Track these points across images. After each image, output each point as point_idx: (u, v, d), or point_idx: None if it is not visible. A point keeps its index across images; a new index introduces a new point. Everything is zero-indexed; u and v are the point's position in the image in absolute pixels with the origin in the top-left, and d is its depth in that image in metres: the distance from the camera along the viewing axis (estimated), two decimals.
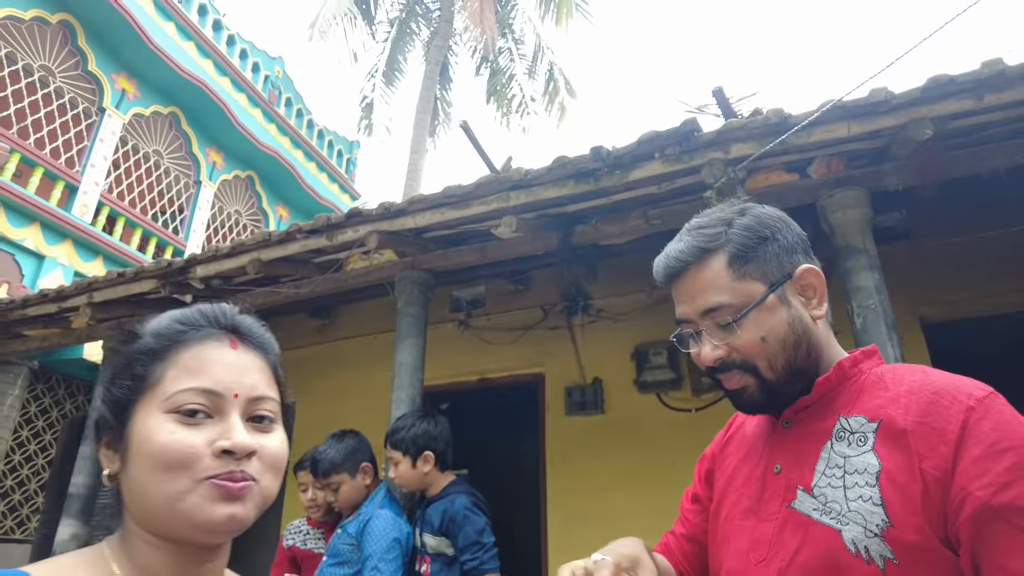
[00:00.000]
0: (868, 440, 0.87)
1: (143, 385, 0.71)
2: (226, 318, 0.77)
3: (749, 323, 0.93)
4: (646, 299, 4.50)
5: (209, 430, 0.69)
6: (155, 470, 0.67)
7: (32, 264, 7.78)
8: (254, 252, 3.43)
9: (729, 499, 1.03)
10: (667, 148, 2.50)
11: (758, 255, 0.96)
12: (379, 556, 2.26)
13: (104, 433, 0.73)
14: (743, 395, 0.97)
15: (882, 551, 0.80)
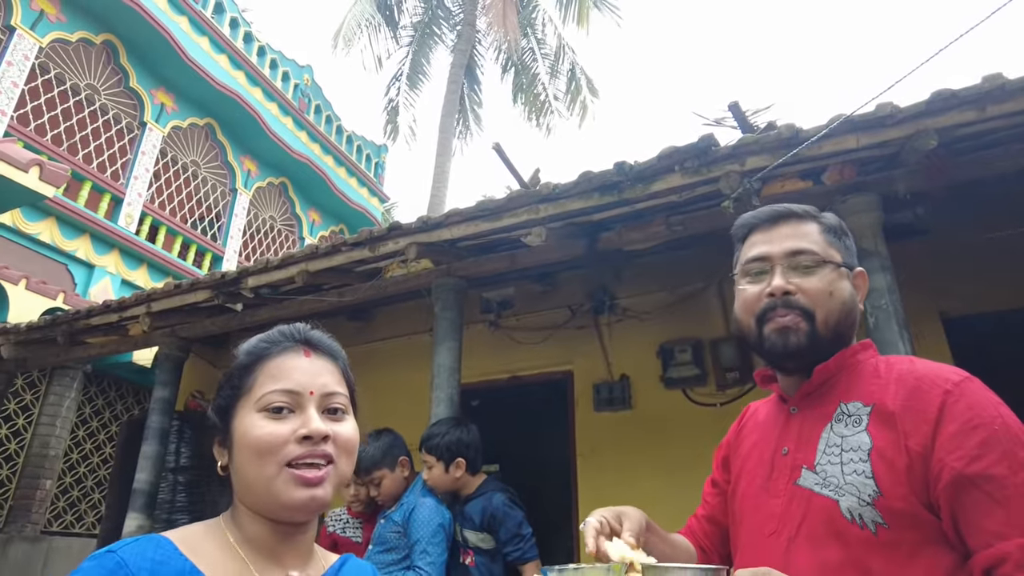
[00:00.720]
0: (863, 422, 1.00)
1: (239, 393, 0.89)
2: (300, 334, 0.95)
3: (824, 274, 1.07)
4: (670, 298, 4.64)
5: (292, 422, 0.86)
6: (252, 457, 0.85)
7: (83, 273, 8.20)
8: (302, 264, 3.68)
9: (744, 480, 1.16)
10: (686, 161, 2.67)
11: (841, 241, 1.14)
12: (427, 540, 2.45)
13: (216, 434, 0.92)
14: (790, 334, 1.07)
15: (874, 517, 0.92)
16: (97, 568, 0.75)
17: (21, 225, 7.57)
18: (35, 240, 7.74)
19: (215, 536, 0.87)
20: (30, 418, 7.33)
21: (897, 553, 0.92)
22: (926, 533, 0.92)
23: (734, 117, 3.01)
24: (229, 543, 0.87)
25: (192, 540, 0.85)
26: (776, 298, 1.09)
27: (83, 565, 0.76)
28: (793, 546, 1.00)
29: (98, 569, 0.75)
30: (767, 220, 1.17)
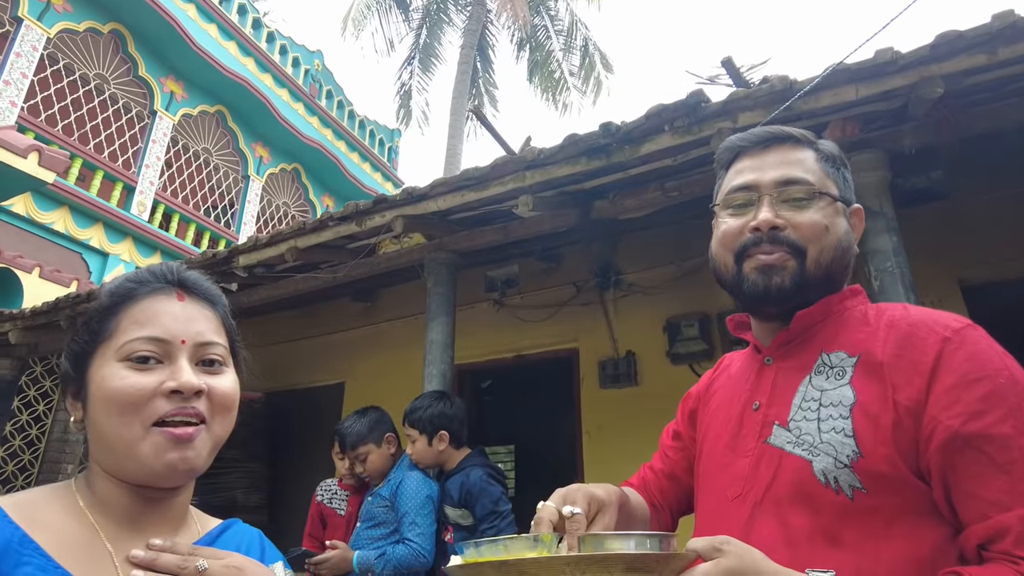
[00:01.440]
0: (846, 374, 0.89)
1: (98, 339, 0.78)
2: (173, 274, 0.84)
3: (820, 209, 0.96)
4: (677, 272, 4.52)
5: (159, 374, 0.76)
6: (111, 414, 0.74)
7: (97, 262, 8.29)
8: (291, 240, 3.62)
9: (709, 438, 1.05)
10: (676, 120, 2.54)
11: (839, 172, 1.02)
12: (415, 512, 2.44)
13: (68, 385, 0.80)
14: (774, 273, 0.94)
15: (851, 481, 0.81)
16: None
17: (35, 215, 7.66)
18: (49, 229, 7.83)
19: (61, 501, 0.77)
20: (50, 404, 7.46)
21: (873, 522, 0.81)
22: (910, 501, 0.80)
23: (728, 74, 2.86)
24: (78, 508, 0.77)
25: (29, 506, 0.74)
26: (761, 233, 0.95)
27: None
28: (758, 511, 0.89)
29: None
30: (757, 143, 1.03)
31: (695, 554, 0.74)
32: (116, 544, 0.76)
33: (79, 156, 8.29)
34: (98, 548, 0.74)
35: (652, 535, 0.74)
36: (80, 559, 0.72)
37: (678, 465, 1.16)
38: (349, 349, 5.77)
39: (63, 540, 0.73)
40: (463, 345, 5.04)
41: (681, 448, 1.17)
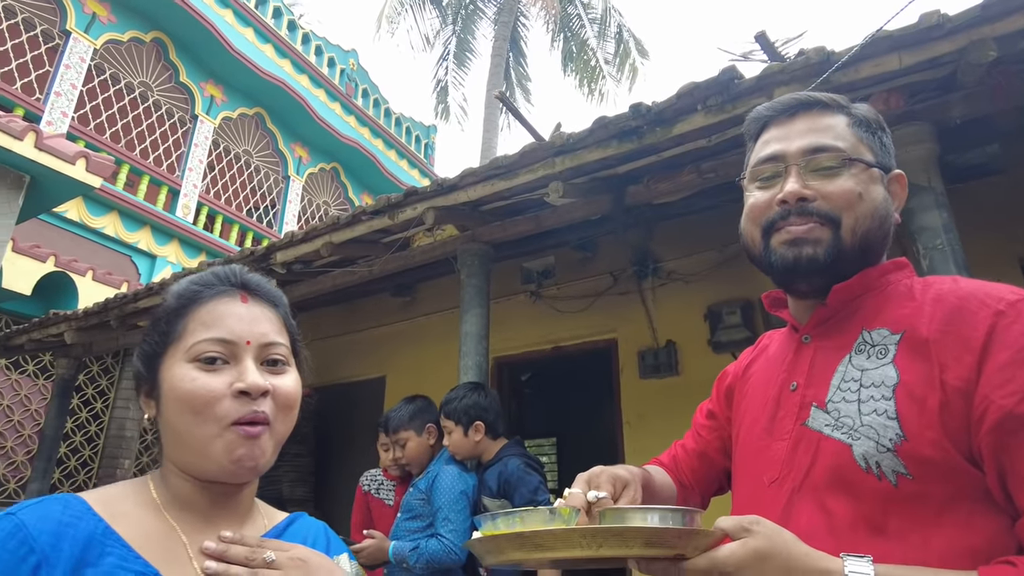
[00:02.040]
0: (889, 352, 0.83)
1: (168, 340, 0.81)
2: (236, 277, 0.86)
3: (853, 175, 0.89)
4: (718, 258, 4.41)
5: (227, 375, 0.79)
6: (184, 413, 0.77)
7: (146, 264, 8.56)
8: (326, 236, 3.65)
9: (747, 421, 1.00)
10: (708, 99, 2.45)
11: (875, 135, 0.95)
12: (449, 507, 2.43)
13: (142, 384, 0.84)
14: (806, 247, 0.89)
15: (894, 466, 0.76)
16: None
17: (87, 220, 7.95)
18: (100, 233, 8.12)
19: (138, 495, 0.80)
20: (107, 402, 7.74)
21: (922, 510, 0.75)
22: (961, 487, 0.74)
23: (762, 49, 2.75)
24: (154, 502, 0.80)
25: (111, 500, 0.77)
26: (789, 205, 0.90)
27: None
28: (796, 498, 0.84)
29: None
30: (784, 111, 0.97)
31: (722, 533, 0.70)
32: (190, 536, 0.79)
33: (126, 162, 8.57)
34: (174, 540, 0.77)
35: (675, 510, 0.71)
36: (158, 551, 0.75)
37: (711, 445, 1.12)
38: (389, 343, 5.83)
39: (142, 532, 0.76)
40: (501, 338, 5.04)
41: (715, 428, 1.13)
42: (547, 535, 0.70)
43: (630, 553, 0.68)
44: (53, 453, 6.28)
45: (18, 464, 6.96)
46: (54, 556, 0.68)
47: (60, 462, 7.15)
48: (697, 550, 0.69)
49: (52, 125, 7.82)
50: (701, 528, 0.70)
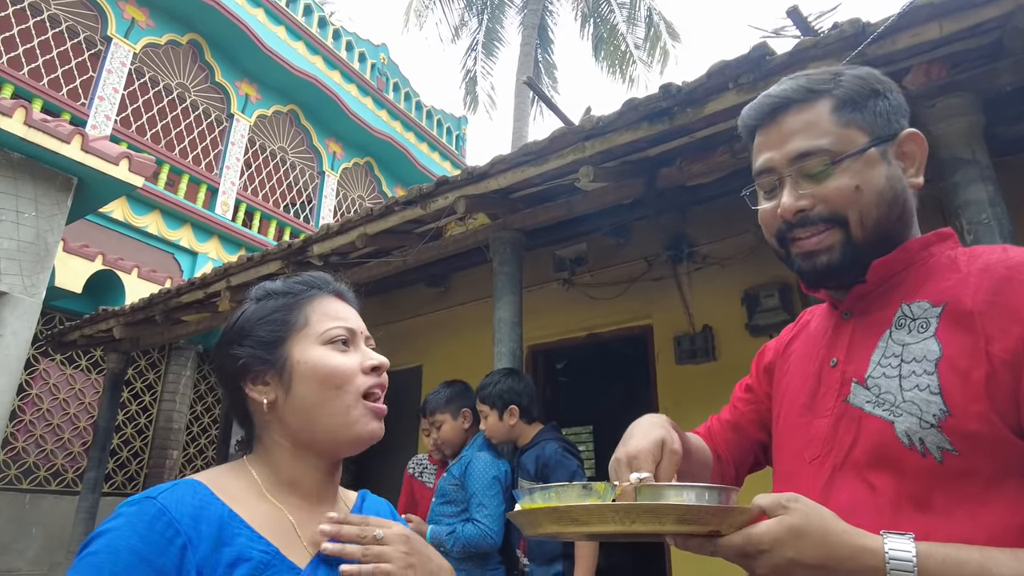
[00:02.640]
0: (930, 326, 0.81)
1: (291, 328, 0.89)
2: (330, 283, 0.98)
3: (843, 171, 0.86)
4: (753, 240, 4.34)
5: (353, 356, 0.90)
6: (327, 388, 0.86)
7: (188, 261, 8.80)
8: (360, 227, 3.71)
9: (787, 399, 0.99)
10: (740, 77, 2.41)
11: (867, 106, 0.89)
12: (483, 492, 2.47)
13: (253, 372, 0.88)
14: (820, 257, 0.88)
15: (939, 442, 0.74)
16: (138, 515, 0.72)
17: (131, 219, 8.20)
18: (144, 232, 8.36)
19: (242, 479, 0.85)
20: (155, 395, 8.01)
21: (969, 487, 0.73)
22: (1009, 462, 0.72)
23: (795, 24, 2.68)
24: (257, 486, 0.85)
25: (223, 484, 0.82)
26: (789, 220, 0.89)
27: (120, 511, 0.73)
28: (838, 475, 0.82)
29: (139, 516, 0.72)
30: (763, 117, 0.94)
31: (759, 510, 0.69)
32: (295, 517, 0.84)
33: (166, 162, 8.80)
34: (283, 522, 0.82)
35: (712, 487, 0.71)
36: (273, 532, 0.80)
37: (745, 416, 1.11)
38: (425, 333, 5.90)
39: (256, 515, 0.81)
40: (535, 325, 5.04)
41: (752, 400, 1.11)
42: (581, 510, 0.72)
43: (663, 529, 0.69)
44: (106, 444, 6.54)
45: (75, 454, 7.26)
46: (196, 537, 0.73)
47: (113, 453, 7.43)
48: (732, 527, 0.69)
49: (97, 128, 8.07)
50: (736, 505, 0.70)
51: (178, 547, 0.71)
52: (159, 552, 0.70)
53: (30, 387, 6.98)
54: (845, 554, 0.67)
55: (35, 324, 4.93)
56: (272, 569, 0.76)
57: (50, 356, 7.20)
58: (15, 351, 4.69)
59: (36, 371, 7.06)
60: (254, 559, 0.75)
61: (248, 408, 0.90)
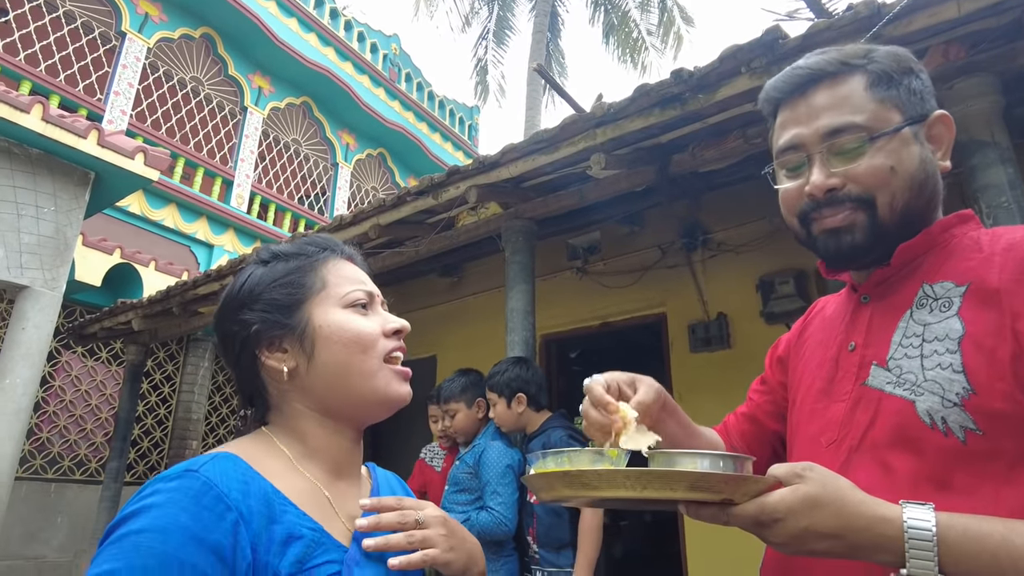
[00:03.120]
0: (953, 305, 0.79)
1: (309, 290, 0.85)
2: (339, 246, 0.94)
3: (879, 150, 0.83)
4: (769, 227, 4.30)
5: (374, 319, 0.87)
6: (353, 352, 0.82)
7: (204, 253, 8.89)
8: (373, 218, 3.72)
9: (804, 385, 0.97)
10: (752, 61, 2.38)
11: (901, 84, 0.86)
12: (496, 481, 2.49)
13: (268, 338, 0.83)
14: (845, 236, 0.86)
15: (962, 421, 0.73)
16: (181, 489, 0.66)
17: (148, 213, 8.29)
18: (160, 226, 8.45)
19: (271, 453, 0.80)
20: (173, 386, 8.12)
21: (992, 467, 0.71)
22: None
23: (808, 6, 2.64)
24: (286, 457, 0.81)
25: (256, 457, 0.77)
26: (818, 198, 0.86)
27: (158, 486, 0.67)
28: (854, 457, 0.81)
29: (183, 491, 0.66)
30: (793, 91, 0.90)
31: (774, 479, 0.69)
32: (330, 491, 0.81)
33: (181, 156, 8.87)
34: (320, 497, 0.79)
35: (726, 455, 0.71)
36: (313, 508, 0.77)
37: (761, 408, 1.09)
38: (439, 323, 5.92)
39: (294, 490, 0.77)
40: (548, 315, 5.04)
41: (766, 392, 1.10)
42: (592, 474, 0.71)
43: (675, 496, 0.68)
44: (127, 434, 6.64)
45: (97, 445, 7.39)
46: (247, 513, 0.68)
47: (134, 443, 7.56)
48: (746, 496, 0.68)
49: (113, 123, 8.15)
50: (751, 475, 0.69)
51: (231, 523, 0.66)
52: (211, 529, 0.64)
53: (53, 379, 7.11)
54: (862, 524, 0.66)
55: (56, 317, 5.01)
56: (322, 547, 0.73)
57: (72, 348, 7.33)
58: (37, 344, 4.77)
59: (58, 363, 7.19)
60: (305, 537, 0.72)
61: (262, 378, 0.84)
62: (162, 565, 0.61)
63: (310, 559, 0.71)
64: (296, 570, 0.69)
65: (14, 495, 5.55)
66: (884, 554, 0.66)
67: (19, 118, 4.71)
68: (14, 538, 6.39)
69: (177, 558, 0.62)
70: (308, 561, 0.71)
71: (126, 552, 0.61)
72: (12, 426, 4.56)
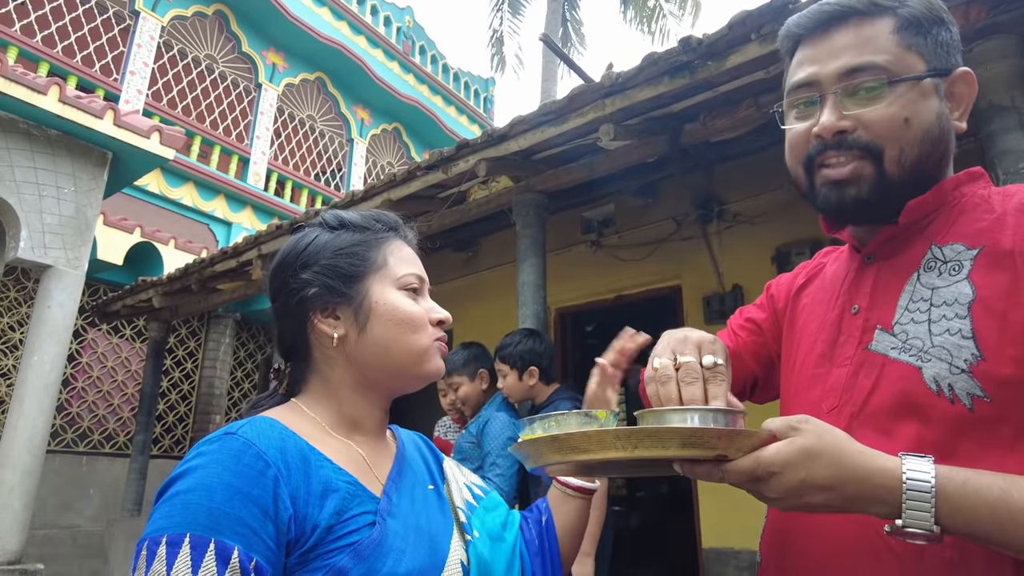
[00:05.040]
0: (963, 268, 0.77)
1: (370, 266, 0.89)
2: (402, 224, 0.98)
3: (898, 97, 0.80)
4: (785, 197, 4.24)
5: (422, 303, 0.91)
6: (405, 331, 0.87)
7: (223, 231, 8.98)
8: (384, 193, 3.73)
9: (803, 347, 0.94)
10: (763, 27, 2.32)
11: (931, 33, 0.82)
12: (497, 452, 2.51)
13: (324, 303, 0.87)
14: (848, 189, 0.82)
15: (969, 388, 0.71)
16: (222, 450, 0.71)
17: (167, 192, 8.38)
18: (179, 204, 8.54)
19: (303, 419, 0.85)
20: (196, 362, 8.29)
21: (998, 434, 0.70)
22: None
23: None
24: (319, 424, 0.85)
25: (289, 421, 0.82)
26: (825, 140, 0.82)
27: (200, 449, 0.72)
28: (856, 424, 0.79)
29: (224, 451, 0.71)
30: (816, 27, 0.86)
31: (768, 433, 0.67)
32: (364, 450, 0.86)
33: (197, 134, 8.92)
34: (355, 454, 0.84)
35: (717, 410, 0.69)
36: (349, 464, 0.81)
37: (746, 346, 1.05)
38: (453, 299, 5.94)
39: (329, 448, 0.82)
40: (563, 288, 5.04)
41: (755, 332, 1.06)
42: (580, 437, 0.69)
43: (667, 454, 0.66)
44: (152, 409, 6.82)
45: (124, 419, 7.60)
46: (285, 469, 0.72)
47: (160, 418, 7.75)
48: (740, 451, 0.66)
49: (129, 103, 8.20)
50: (744, 429, 0.67)
51: (271, 478, 0.70)
52: (253, 484, 0.69)
53: (80, 356, 7.29)
54: (860, 475, 0.64)
55: (79, 295, 5.11)
56: (358, 499, 0.77)
57: (97, 326, 7.49)
58: (63, 321, 4.88)
59: (85, 341, 7.36)
60: (341, 490, 0.76)
61: (309, 339, 0.88)
62: (210, 519, 0.66)
63: (347, 511, 0.75)
64: (334, 521, 0.73)
65: (48, 467, 5.74)
66: (880, 506, 0.64)
67: (37, 100, 4.76)
68: (49, 508, 6.62)
69: (224, 512, 0.66)
70: (345, 512, 0.75)
71: (176, 510, 0.66)
72: (42, 401, 4.70)
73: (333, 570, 0.70)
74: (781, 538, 0.86)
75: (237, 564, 0.65)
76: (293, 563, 0.70)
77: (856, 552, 0.75)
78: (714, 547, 4.14)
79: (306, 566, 0.71)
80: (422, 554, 0.78)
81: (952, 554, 0.69)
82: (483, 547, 0.86)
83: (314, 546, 0.71)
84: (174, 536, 0.64)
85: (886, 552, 0.72)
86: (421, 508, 0.85)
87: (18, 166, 4.82)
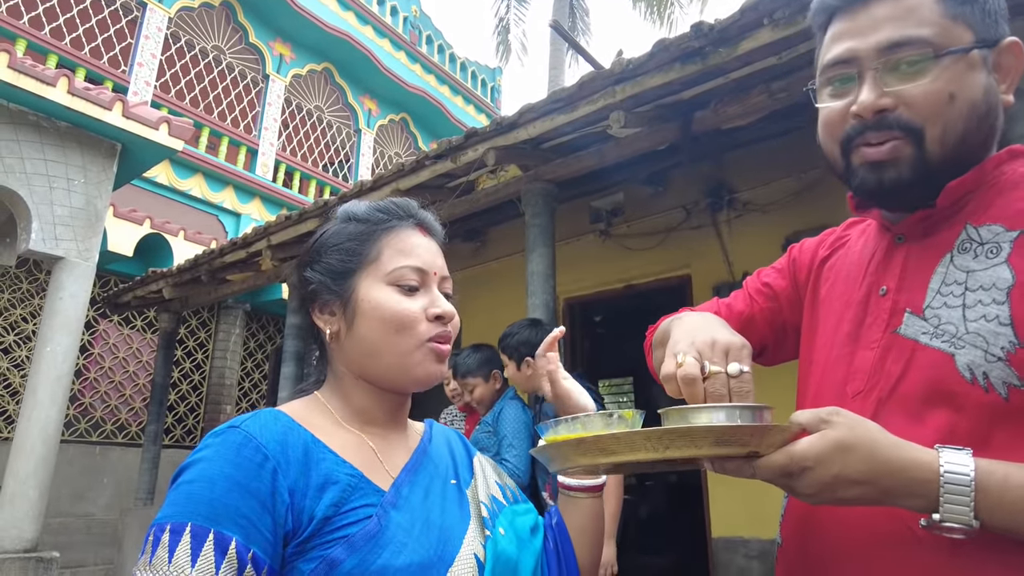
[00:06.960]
0: (1002, 251, 0.73)
1: (362, 261, 0.86)
2: (415, 212, 0.92)
3: (944, 70, 0.75)
4: (796, 185, 4.21)
5: (421, 300, 0.86)
6: (388, 332, 0.83)
7: (232, 222, 9.01)
8: (393, 183, 3.72)
9: (827, 324, 0.90)
10: (775, 12, 2.29)
11: (974, 5, 0.77)
12: (512, 435, 2.57)
13: (320, 299, 0.87)
14: (888, 170, 0.77)
15: (1006, 377, 0.68)
16: (224, 443, 0.73)
17: (176, 183, 8.40)
18: (188, 195, 8.57)
19: (318, 411, 0.86)
20: (206, 353, 8.34)
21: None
22: None
23: None
24: (333, 417, 0.86)
25: (302, 414, 0.83)
26: (865, 119, 0.77)
27: (207, 442, 0.74)
28: (884, 410, 0.76)
29: (226, 444, 0.73)
30: None
31: (799, 427, 0.66)
32: (375, 443, 0.86)
33: (206, 125, 8.93)
34: (364, 447, 0.84)
35: (744, 407, 0.67)
36: (355, 456, 0.81)
37: (762, 313, 1.02)
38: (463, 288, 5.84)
39: (337, 442, 0.82)
40: (572, 278, 5.03)
41: (772, 298, 1.03)
42: (609, 438, 0.67)
43: (699, 453, 0.65)
44: (163, 399, 6.87)
45: (136, 409, 7.66)
46: (284, 462, 0.74)
47: (171, 408, 7.81)
48: (772, 447, 0.65)
49: (138, 95, 8.22)
50: (775, 423, 0.66)
51: (269, 471, 0.72)
52: (252, 477, 0.71)
53: (92, 347, 7.34)
54: (896, 467, 0.63)
55: (90, 287, 5.14)
56: (359, 491, 0.77)
57: (108, 317, 7.54)
58: (74, 312, 4.91)
59: (96, 332, 7.41)
60: (341, 482, 0.77)
61: (320, 332, 0.90)
62: (211, 510, 0.68)
63: (346, 503, 0.76)
64: (332, 513, 0.74)
65: (62, 457, 5.80)
66: (916, 499, 0.63)
67: (46, 91, 4.78)
68: (64, 497, 6.70)
69: (223, 503, 0.69)
70: (344, 504, 0.75)
71: (181, 499, 0.70)
72: (55, 391, 4.74)
73: (327, 560, 0.71)
74: (804, 523, 0.84)
75: (235, 554, 0.67)
76: (291, 553, 0.72)
77: (884, 543, 0.73)
78: (724, 536, 4.14)
79: (303, 556, 0.72)
80: (427, 548, 0.77)
81: (985, 546, 0.67)
82: (509, 545, 0.85)
83: (311, 536, 0.73)
84: (177, 525, 0.67)
85: (915, 543, 0.70)
86: (436, 502, 0.84)
87: (28, 158, 4.85)
